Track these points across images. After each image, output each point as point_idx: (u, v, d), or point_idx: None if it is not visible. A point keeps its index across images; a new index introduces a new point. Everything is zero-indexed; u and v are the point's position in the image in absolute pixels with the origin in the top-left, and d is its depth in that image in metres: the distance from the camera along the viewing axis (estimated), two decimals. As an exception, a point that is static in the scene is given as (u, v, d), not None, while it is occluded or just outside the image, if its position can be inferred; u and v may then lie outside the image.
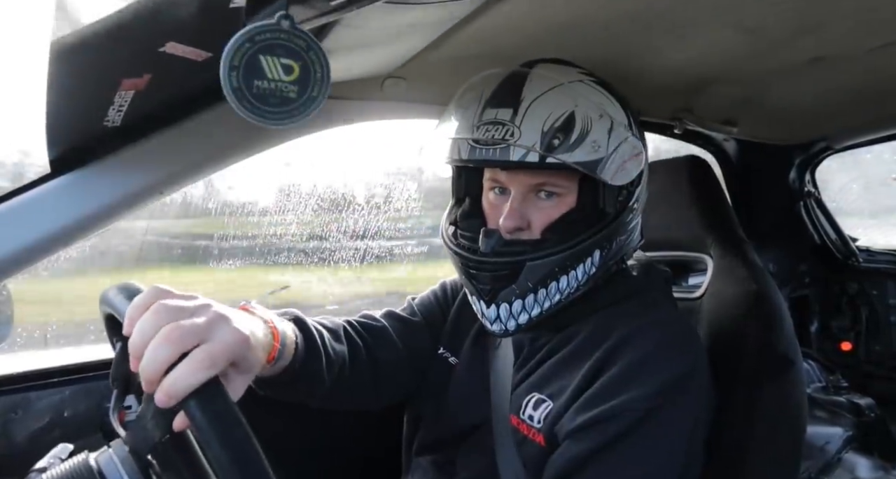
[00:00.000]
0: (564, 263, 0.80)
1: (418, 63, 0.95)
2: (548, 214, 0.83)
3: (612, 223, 0.83)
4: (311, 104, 0.60)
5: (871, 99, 1.35)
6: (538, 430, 0.82)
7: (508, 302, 0.82)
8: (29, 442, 1.05)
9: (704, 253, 1.13)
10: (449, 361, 1.02)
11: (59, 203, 0.81)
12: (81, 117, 0.78)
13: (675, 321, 0.86)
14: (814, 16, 0.85)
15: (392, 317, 1.04)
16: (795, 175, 1.95)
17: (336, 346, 0.90)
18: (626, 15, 0.82)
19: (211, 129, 0.87)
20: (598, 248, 0.82)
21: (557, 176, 0.82)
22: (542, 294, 0.82)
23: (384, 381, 0.98)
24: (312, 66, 0.59)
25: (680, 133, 1.46)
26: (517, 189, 0.84)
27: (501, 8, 0.75)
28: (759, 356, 0.93)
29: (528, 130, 0.77)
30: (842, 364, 2.06)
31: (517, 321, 0.84)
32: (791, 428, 0.97)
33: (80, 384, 1.10)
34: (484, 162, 0.82)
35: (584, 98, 0.80)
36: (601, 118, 0.80)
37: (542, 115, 0.78)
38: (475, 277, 0.83)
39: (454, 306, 1.07)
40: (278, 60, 0.59)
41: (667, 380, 0.76)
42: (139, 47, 0.66)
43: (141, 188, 0.86)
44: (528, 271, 0.80)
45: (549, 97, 0.79)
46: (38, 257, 0.81)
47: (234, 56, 0.59)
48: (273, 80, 0.60)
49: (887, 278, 2.02)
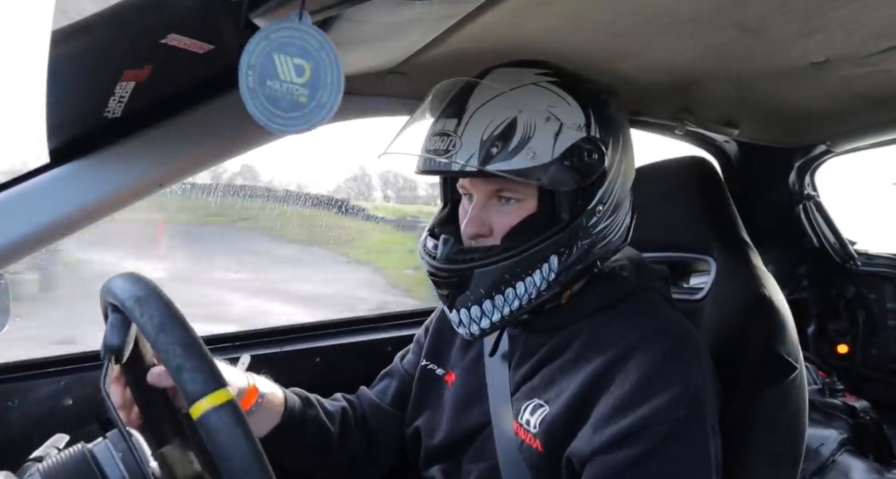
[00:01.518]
0: (514, 269, 0.80)
1: (421, 59, 0.95)
2: (508, 219, 0.83)
3: (566, 229, 0.80)
4: (320, 112, 0.59)
5: (872, 103, 1.35)
6: (535, 435, 0.82)
7: (466, 308, 0.83)
8: (25, 431, 1.05)
9: (707, 255, 1.11)
10: (436, 372, 1.04)
11: (58, 193, 0.81)
12: (82, 108, 0.78)
13: (679, 328, 0.84)
14: (816, 18, 0.85)
15: (376, 382, 1.14)
16: (795, 178, 1.95)
17: (333, 402, 1.05)
18: (627, 14, 0.82)
19: (212, 121, 0.87)
20: (553, 253, 0.80)
21: (513, 181, 0.80)
22: (498, 300, 0.81)
23: (380, 437, 1.06)
24: (323, 68, 0.58)
25: (681, 134, 1.47)
26: (478, 195, 0.84)
27: (503, 6, 0.75)
28: (762, 360, 0.93)
29: (469, 139, 0.78)
30: (838, 367, 2.07)
31: (479, 326, 0.84)
32: (791, 432, 0.97)
33: (77, 374, 1.11)
34: (432, 172, 0.84)
35: (530, 104, 0.79)
36: (547, 122, 0.78)
37: (482, 124, 0.78)
38: (434, 283, 0.86)
39: (432, 325, 1.11)
40: (291, 60, 0.59)
41: (685, 392, 0.75)
42: (141, 39, 0.66)
43: (141, 180, 0.86)
44: (476, 279, 0.80)
45: (492, 105, 0.79)
46: (35, 246, 0.82)
47: (253, 54, 0.59)
48: (285, 81, 0.59)
49: (885, 281, 2.02)
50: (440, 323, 1.10)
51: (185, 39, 0.67)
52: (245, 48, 0.58)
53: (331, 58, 0.58)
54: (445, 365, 1.04)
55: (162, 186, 0.89)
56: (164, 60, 0.71)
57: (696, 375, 0.78)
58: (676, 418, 0.74)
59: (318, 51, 0.58)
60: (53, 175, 0.82)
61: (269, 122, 0.60)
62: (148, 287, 0.56)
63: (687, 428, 0.74)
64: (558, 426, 0.80)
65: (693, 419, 0.75)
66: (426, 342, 1.10)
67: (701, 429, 0.75)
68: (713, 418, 0.78)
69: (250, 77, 0.60)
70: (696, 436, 0.75)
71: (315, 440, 0.97)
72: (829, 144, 1.80)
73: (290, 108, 0.60)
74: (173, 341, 0.52)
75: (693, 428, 0.75)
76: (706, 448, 0.75)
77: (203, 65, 0.75)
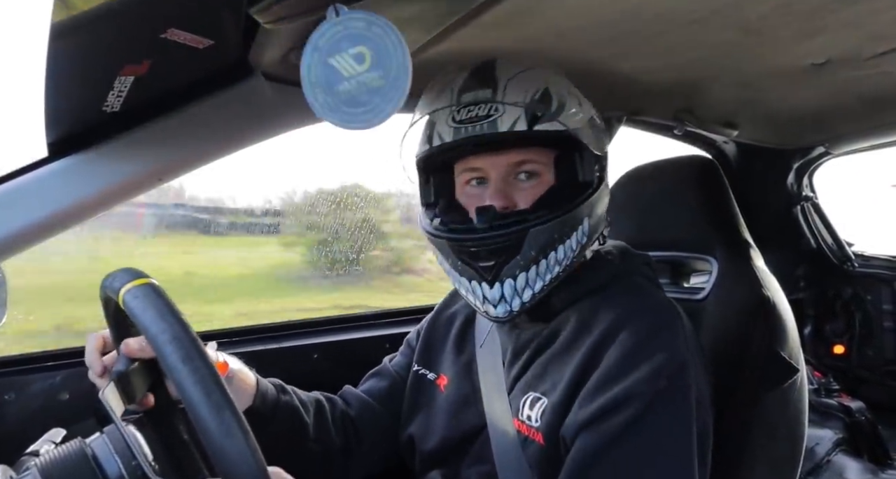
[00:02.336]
0: (563, 228, 0.82)
1: (420, 57, 0.95)
2: (531, 193, 0.85)
3: (596, 192, 0.85)
4: (401, 80, 0.58)
5: (872, 105, 1.35)
6: (536, 429, 0.82)
7: (513, 277, 0.82)
8: (22, 425, 1.05)
9: (708, 255, 1.11)
10: (427, 377, 1.04)
11: (56, 187, 0.81)
12: (81, 102, 0.78)
13: (663, 305, 0.85)
14: (816, 20, 0.85)
15: (364, 381, 1.13)
16: (794, 179, 1.95)
17: (308, 393, 1.02)
18: (628, 14, 0.82)
19: (211, 116, 0.87)
20: (586, 216, 0.84)
21: (536, 153, 0.84)
22: (542, 266, 0.82)
23: (366, 435, 1.04)
24: (382, 43, 0.57)
25: (680, 134, 1.47)
26: (497, 173, 0.85)
27: (504, 4, 0.75)
28: (764, 363, 0.93)
29: (511, 103, 0.81)
30: (834, 367, 2.08)
31: (521, 299, 0.83)
32: (791, 434, 0.97)
33: (74, 368, 1.11)
34: (473, 138, 0.82)
35: (553, 78, 0.86)
36: (570, 95, 0.86)
37: (520, 90, 0.82)
38: (476, 256, 0.82)
39: (423, 329, 1.11)
40: (347, 55, 0.58)
41: (666, 363, 0.76)
42: (140, 33, 0.66)
43: (139, 175, 0.86)
44: (531, 238, 0.80)
45: (522, 77, 0.84)
46: (32, 240, 0.81)
47: (310, 72, 0.58)
48: (351, 77, 0.58)
49: (881, 283, 2.03)
50: (431, 328, 1.10)
51: (184, 34, 0.66)
52: (301, 69, 0.57)
53: (385, 30, 0.57)
54: (437, 369, 1.04)
55: (161, 181, 0.88)
56: (164, 55, 0.71)
57: (679, 346, 0.78)
58: (658, 388, 0.74)
59: (370, 28, 0.57)
60: (51, 169, 0.81)
61: (356, 123, 0.59)
62: None
63: (669, 397, 0.75)
64: (558, 417, 0.80)
65: (675, 388, 0.75)
66: (417, 346, 1.10)
67: (684, 399, 0.75)
68: (700, 391, 0.78)
69: (319, 94, 0.58)
70: (678, 405, 0.75)
71: (288, 426, 0.93)
72: (828, 145, 1.81)
73: (369, 98, 0.58)
74: None
75: (676, 398, 0.75)
76: (688, 418, 0.75)
77: (203, 60, 0.75)
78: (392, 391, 1.07)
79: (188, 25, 0.65)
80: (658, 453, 0.73)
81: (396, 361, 1.13)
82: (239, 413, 0.49)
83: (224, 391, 0.49)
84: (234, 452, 0.47)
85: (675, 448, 0.74)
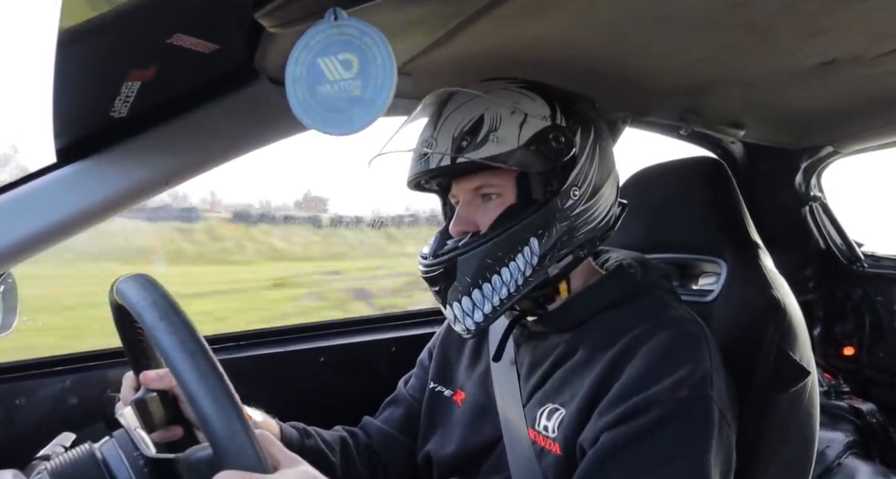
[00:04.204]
0: (495, 253, 0.82)
1: (424, 59, 0.95)
2: (491, 214, 0.87)
3: (542, 209, 0.84)
4: (379, 96, 0.58)
5: (880, 104, 1.34)
6: (553, 439, 0.82)
7: (458, 301, 0.85)
8: (32, 430, 1.06)
9: (718, 256, 1.10)
10: (444, 394, 1.05)
11: (65, 193, 0.81)
12: (88, 108, 0.78)
13: (688, 319, 0.85)
14: (824, 19, 0.84)
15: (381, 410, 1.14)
16: (802, 179, 1.94)
17: (332, 432, 1.05)
18: (633, 14, 0.82)
19: (218, 121, 0.87)
20: (532, 235, 0.83)
21: (490, 176, 0.86)
22: (486, 289, 0.83)
23: (389, 465, 1.06)
24: (371, 53, 0.58)
25: (686, 135, 1.46)
26: (462, 196, 0.90)
27: (508, 6, 0.75)
28: (775, 365, 0.92)
29: (443, 139, 0.85)
30: (844, 369, 2.06)
31: (473, 319, 0.85)
32: (803, 437, 0.96)
33: (84, 373, 1.11)
34: (415, 175, 0.89)
35: (496, 103, 0.85)
36: (512, 115, 0.84)
37: (454, 124, 0.85)
38: (426, 281, 0.88)
39: (436, 346, 1.13)
40: (336, 59, 0.58)
41: (689, 376, 0.76)
42: (146, 39, 0.67)
43: (146, 180, 0.86)
44: (461, 266, 0.83)
45: (463, 108, 0.86)
46: (42, 246, 0.82)
47: (296, 66, 0.58)
48: (335, 81, 0.59)
49: (892, 283, 2.01)
50: (444, 344, 1.11)
51: (190, 39, 0.67)
52: (288, 62, 0.57)
53: (377, 42, 0.57)
54: (453, 386, 1.04)
55: (168, 186, 0.89)
56: (170, 60, 0.71)
57: (703, 360, 0.78)
58: (679, 397, 0.74)
59: (362, 38, 0.57)
60: (60, 175, 0.82)
61: (329, 128, 0.59)
62: None
63: (690, 407, 0.74)
64: (575, 427, 0.80)
65: (697, 399, 0.75)
66: (431, 365, 1.10)
67: (705, 410, 0.75)
68: (723, 405, 0.77)
69: (299, 90, 0.59)
70: (698, 416, 0.75)
71: (316, 468, 0.95)
72: (836, 145, 1.79)
73: (347, 106, 0.59)
74: None
75: (696, 408, 0.75)
76: (708, 429, 0.74)
77: (209, 64, 0.75)
78: (409, 417, 1.09)
79: (194, 30, 0.66)
80: (675, 457, 0.73)
81: (411, 384, 1.14)
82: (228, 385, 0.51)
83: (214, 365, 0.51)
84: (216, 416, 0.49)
85: (692, 456, 0.73)
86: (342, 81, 0.58)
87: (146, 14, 0.61)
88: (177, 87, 0.82)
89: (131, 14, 0.60)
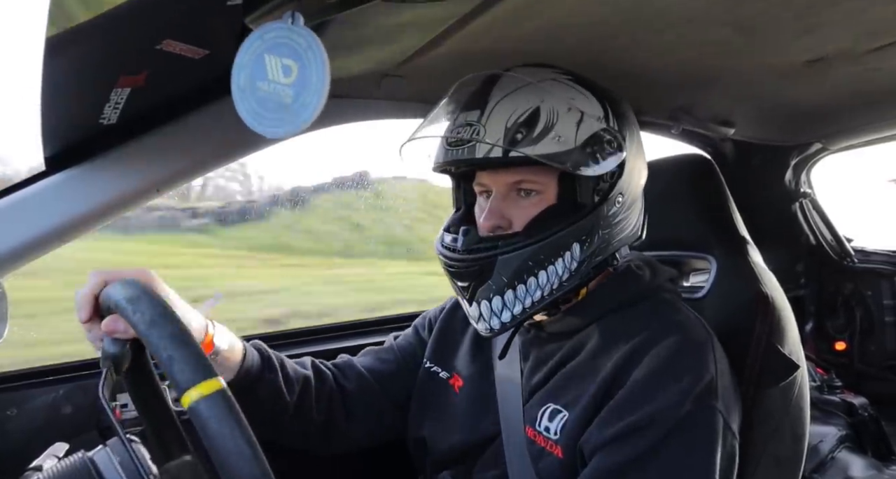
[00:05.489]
0: (538, 256, 0.80)
1: (416, 61, 0.95)
2: (528, 211, 0.84)
3: (589, 215, 0.82)
4: (303, 113, 0.58)
5: (868, 101, 1.36)
6: (555, 442, 0.81)
7: (487, 299, 0.82)
8: (25, 440, 1.04)
9: (707, 253, 1.11)
10: (439, 375, 1.03)
11: (55, 201, 0.81)
12: (77, 115, 0.78)
13: (695, 324, 0.85)
14: (811, 16, 0.85)
15: (365, 355, 1.11)
16: (792, 176, 1.95)
17: (298, 369, 0.98)
18: (623, 13, 0.82)
19: (208, 126, 0.87)
20: (575, 241, 0.81)
21: (534, 172, 0.82)
22: (520, 290, 0.81)
23: (356, 411, 1.02)
24: (310, 69, 0.58)
25: (677, 133, 1.47)
26: (497, 189, 0.85)
27: (499, 7, 0.75)
28: (764, 359, 0.93)
29: (493, 127, 0.79)
30: (836, 364, 2.08)
31: (500, 319, 0.83)
32: (794, 431, 0.97)
33: (76, 382, 1.10)
34: (454, 162, 0.83)
35: (552, 94, 0.81)
36: (569, 111, 0.80)
37: (506, 112, 0.80)
38: (454, 275, 0.85)
39: (437, 323, 1.10)
40: (280, 61, 0.58)
41: (693, 386, 0.75)
42: (136, 45, 0.66)
43: (137, 186, 0.86)
44: (500, 266, 0.80)
45: (515, 96, 0.81)
46: (32, 254, 0.81)
47: (246, 54, 0.58)
48: (273, 81, 0.59)
49: (882, 278, 2.03)
50: (446, 323, 1.09)
51: (180, 45, 0.66)
52: (240, 48, 0.58)
53: (318, 59, 0.57)
54: (450, 369, 1.03)
55: (159, 192, 0.88)
56: (160, 66, 0.71)
57: (708, 368, 0.78)
58: (682, 413, 0.74)
59: (306, 51, 0.57)
60: (50, 182, 0.81)
61: (258, 123, 0.59)
62: (139, 288, 0.57)
63: (693, 423, 0.74)
64: (579, 430, 0.79)
65: (700, 413, 0.75)
66: (430, 341, 1.08)
67: (708, 424, 0.75)
68: (728, 414, 0.77)
69: (242, 77, 0.59)
70: (701, 432, 0.75)
71: (266, 405, 0.91)
72: (825, 141, 1.81)
73: (276, 109, 0.59)
74: (164, 335, 0.52)
75: (700, 423, 0.75)
76: (711, 444, 0.74)
77: (199, 70, 0.75)
78: (394, 376, 1.06)
79: (183, 36, 0.65)
80: (677, 477, 0.73)
81: (402, 346, 1.11)
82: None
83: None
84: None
85: (695, 474, 0.73)
86: (278, 84, 0.58)
87: (136, 19, 0.60)
88: (167, 92, 0.81)
89: (121, 19, 0.59)
